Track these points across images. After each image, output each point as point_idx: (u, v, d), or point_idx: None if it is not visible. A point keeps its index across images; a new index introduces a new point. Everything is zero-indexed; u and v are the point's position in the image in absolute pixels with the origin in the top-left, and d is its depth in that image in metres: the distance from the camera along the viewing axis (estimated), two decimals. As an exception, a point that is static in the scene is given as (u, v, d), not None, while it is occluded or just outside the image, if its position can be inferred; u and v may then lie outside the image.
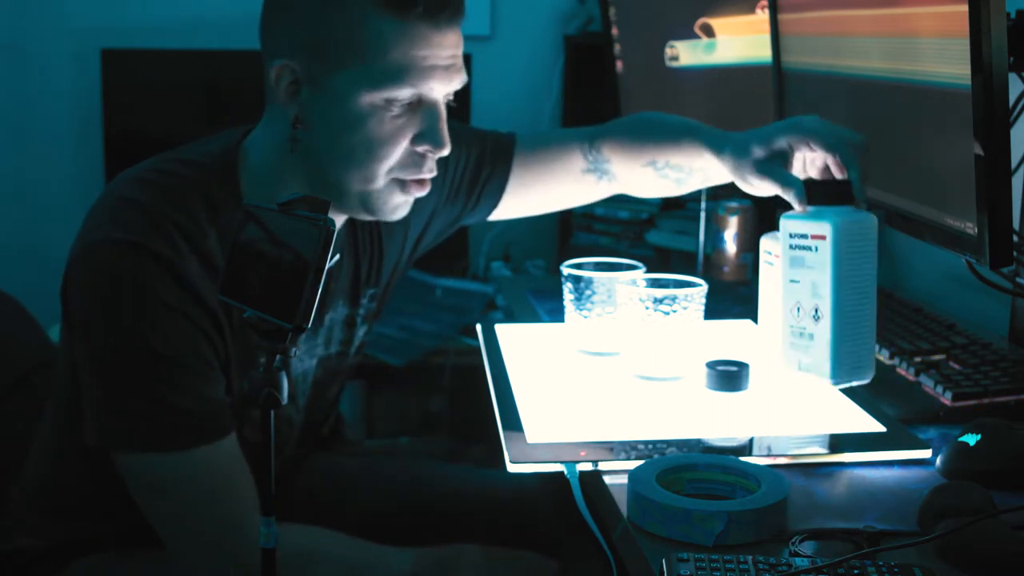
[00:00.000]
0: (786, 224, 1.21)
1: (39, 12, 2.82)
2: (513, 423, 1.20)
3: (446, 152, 1.22)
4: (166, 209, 1.18)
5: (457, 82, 1.21)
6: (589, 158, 1.46)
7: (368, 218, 1.27)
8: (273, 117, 1.24)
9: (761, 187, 1.25)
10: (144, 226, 1.17)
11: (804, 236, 1.18)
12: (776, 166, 1.24)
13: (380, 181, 1.21)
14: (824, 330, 1.17)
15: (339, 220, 1.31)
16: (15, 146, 2.87)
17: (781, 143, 1.24)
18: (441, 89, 1.20)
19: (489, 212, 1.52)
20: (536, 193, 1.51)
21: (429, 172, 1.23)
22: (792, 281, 1.20)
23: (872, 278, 1.18)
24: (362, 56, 1.16)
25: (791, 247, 1.20)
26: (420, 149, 1.21)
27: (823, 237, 1.15)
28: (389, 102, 1.17)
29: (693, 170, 1.38)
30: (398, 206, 1.25)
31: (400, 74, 1.16)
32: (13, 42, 2.82)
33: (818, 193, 1.18)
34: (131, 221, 1.17)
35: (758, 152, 1.25)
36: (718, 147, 1.31)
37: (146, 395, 1.17)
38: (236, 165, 1.25)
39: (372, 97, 1.17)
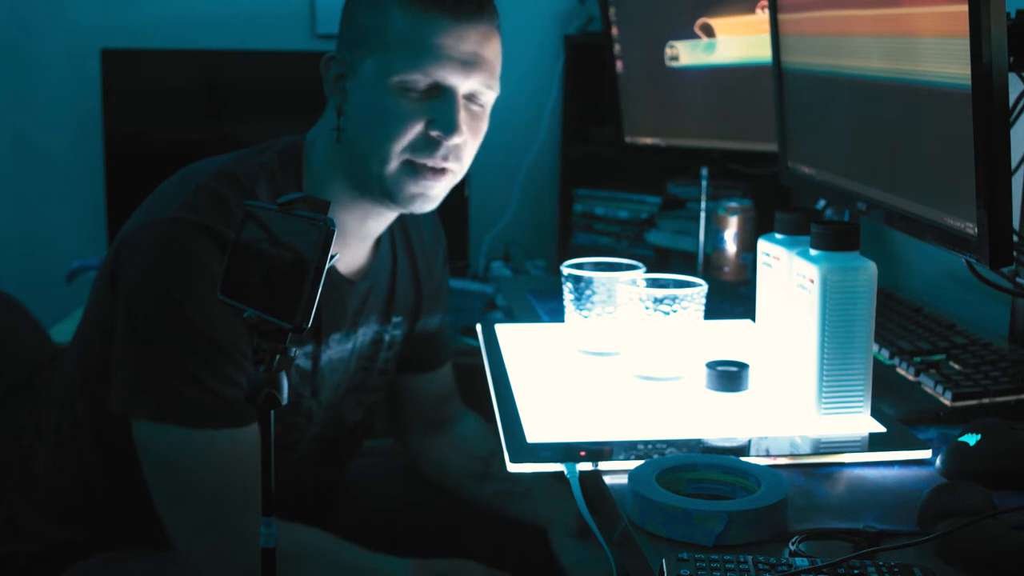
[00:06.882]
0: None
1: (39, 12, 2.82)
2: (513, 423, 1.20)
3: (457, 140, 1.26)
4: (236, 197, 1.23)
5: (476, 80, 1.26)
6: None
7: (393, 208, 1.31)
8: (327, 111, 1.32)
9: None
10: (214, 210, 1.22)
11: (801, 274, 1.18)
12: None
13: (394, 162, 1.26)
14: (811, 365, 1.18)
15: (383, 224, 1.36)
16: (15, 146, 2.87)
17: None
18: (458, 81, 1.24)
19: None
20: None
21: (442, 160, 1.27)
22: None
23: (866, 323, 1.16)
24: (385, 44, 1.23)
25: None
26: (433, 133, 1.25)
27: (813, 281, 1.16)
28: (405, 87, 1.24)
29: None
30: (414, 196, 1.28)
31: (414, 60, 1.23)
32: (13, 42, 2.82)
33: (819, 236, 1.17)
34: (202, 205, 1.23)
35: None
36: None
37: (181, 369, 1.19)
38: (300, 155, 1.31)
39: (391, 81, 1.24)
